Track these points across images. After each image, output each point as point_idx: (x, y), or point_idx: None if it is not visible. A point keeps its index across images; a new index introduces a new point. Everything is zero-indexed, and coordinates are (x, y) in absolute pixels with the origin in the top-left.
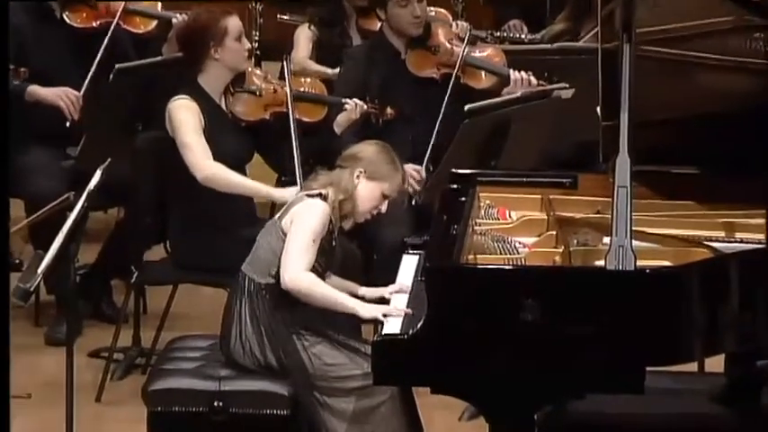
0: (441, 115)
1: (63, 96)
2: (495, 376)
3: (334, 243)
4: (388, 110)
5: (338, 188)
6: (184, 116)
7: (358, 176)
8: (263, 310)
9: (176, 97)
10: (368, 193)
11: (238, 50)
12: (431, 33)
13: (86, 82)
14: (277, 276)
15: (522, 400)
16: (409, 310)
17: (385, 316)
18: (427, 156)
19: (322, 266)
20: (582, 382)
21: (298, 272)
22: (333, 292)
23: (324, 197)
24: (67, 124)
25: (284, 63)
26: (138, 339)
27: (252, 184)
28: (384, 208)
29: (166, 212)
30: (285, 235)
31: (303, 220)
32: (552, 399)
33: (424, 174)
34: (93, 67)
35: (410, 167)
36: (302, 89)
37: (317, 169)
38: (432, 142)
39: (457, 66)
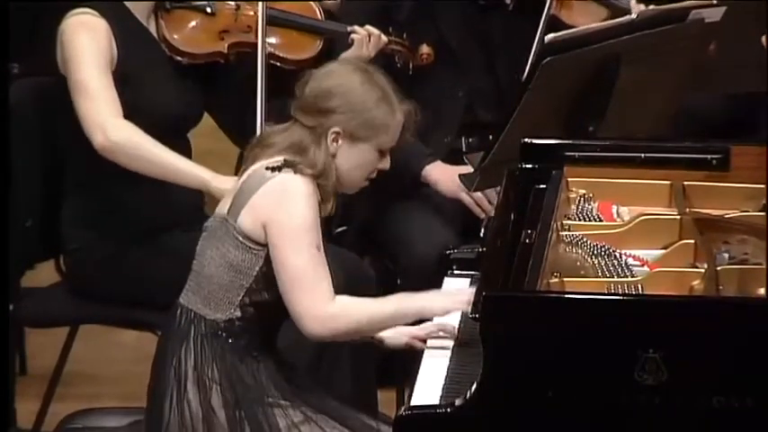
0: (530, 63)
1: None
2: None
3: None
4: (424, 48)
5: (304, 160)
6: (84, 41)
7: (334, 140)
8: (224, 361)
9: (74, 11)
10: (355, 161)
11: None
12: None
13: None
14: (244, 308)
15: None
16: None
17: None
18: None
19: None
20: None
21: (326, 305)
22: (382, 311)
23: (292, 165)
24: None
25: None
26: (11, 415)
27: (177, 160)
28: (387, 164)
29: (59, 209)
30: (252, 242)
31: (284, 214)
32: None
33: None
34: None
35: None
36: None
37: (267, 125)
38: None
39: None
